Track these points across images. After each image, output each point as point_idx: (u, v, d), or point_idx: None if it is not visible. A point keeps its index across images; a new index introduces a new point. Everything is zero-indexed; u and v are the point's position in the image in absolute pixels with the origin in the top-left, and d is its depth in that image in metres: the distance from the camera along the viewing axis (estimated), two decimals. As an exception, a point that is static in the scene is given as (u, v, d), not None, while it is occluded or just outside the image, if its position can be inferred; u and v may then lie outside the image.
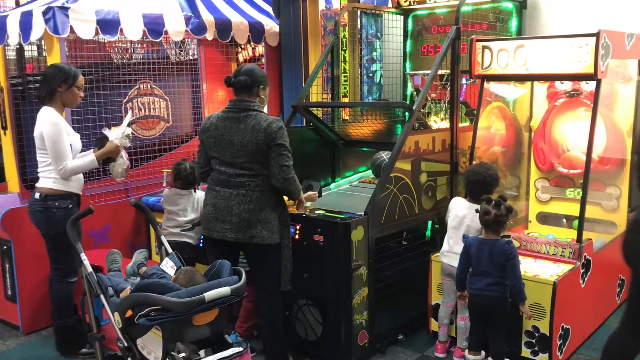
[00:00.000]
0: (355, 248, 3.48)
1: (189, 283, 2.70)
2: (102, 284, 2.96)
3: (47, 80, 3.64)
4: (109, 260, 3.42)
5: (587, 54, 3.62)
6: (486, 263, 3.29)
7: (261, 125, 3.20)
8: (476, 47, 4.08)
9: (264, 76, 3.39)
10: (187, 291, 2.58)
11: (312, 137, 4.69)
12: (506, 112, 4.60)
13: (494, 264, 3.27)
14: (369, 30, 5.19)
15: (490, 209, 3.29)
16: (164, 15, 4.69)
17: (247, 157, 3.22)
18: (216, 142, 3.29)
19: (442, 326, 3.75)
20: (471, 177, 3.66)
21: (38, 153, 3.68)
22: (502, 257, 3.26)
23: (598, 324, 4.08)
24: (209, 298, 2.57)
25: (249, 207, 3.23)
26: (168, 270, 3.07)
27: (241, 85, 3.28)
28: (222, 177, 3.31)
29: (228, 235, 3.25)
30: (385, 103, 5.16)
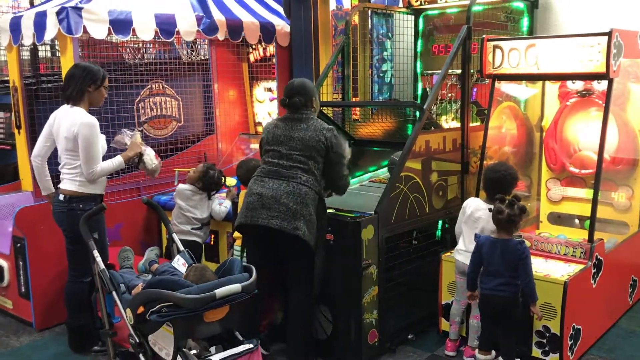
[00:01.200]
0: (365, 247, 3.48)
1: (199, 280, 2.72)
2: (114, 280, 2.99)
3: (76, 80, 3.61)
4: (121, 257, 3.44)
5: (598, 53, 3.61)
6: (498, 263, 3.27)
7: (323, 127, 3.37)
8: (487, 46, 4.07)
9: (313, 88, 3.53)
10: (198, 288, 2.61)
11: (322, 136, 4.69)
12: (517, 111, 4.59)
13: (506, 263, 3.26)
14: (379, 30, 5.19)
15: (504, 208, 3.28)
16: (175, 15, 4.72)
17: (305, 151, 3.33)
18: (274, 137, 3.41)
19: (454, 324, 3.75)
20: (491, 175, 3.65)
21: (65, 154, 3.62)
22: (514, 256, 3.25)
23: (610, 325, 4.06)
24: (220, 295, 2.59)
25: (297, 199, 3.27)
26: (179, 268, 3.09)
27: (296, 106, 3.42)
28: (273, 168, 3.38)
29: (273, 223, 3.24)
30: (395, 102, 5.17)
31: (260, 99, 6.15)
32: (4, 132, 5.34)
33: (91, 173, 3.54)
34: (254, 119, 6.21)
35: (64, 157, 3.64)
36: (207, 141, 5.86)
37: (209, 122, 5.88)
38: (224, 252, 4.42)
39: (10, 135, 5.06)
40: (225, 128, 5.96)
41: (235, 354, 2.72)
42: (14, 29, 4.53)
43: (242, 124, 6.15)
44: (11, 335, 4.22)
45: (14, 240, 4.23)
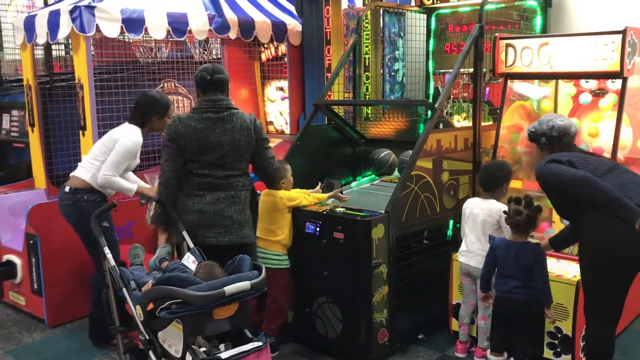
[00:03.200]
0: (375, 246, 3.47)
1: (209, 277, 2.71)
2: (124, 277, 2.99)
3: (142, 110, 3.71)
4: (131, 254, 3.43)
5: (613, 51, 3.57)
6: (513, 266, 3.21)
7: (247, 122, 3.27)
8: (499, 45, 4.04)
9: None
10: (207, 285, 2.60)
11: (333, 135, 4.70)
12: (530, 111, 4.54)
13: (521, 266, 3.20)
14: (391, 29, 5.18)
15: (522, 209, 3.22)
16: (188, 14, 4.74)
17: (238, 156, 3.26)
18: (200, 146, 3.18)
19: (463, 326, 3.72)
20: (485, 172, 3.66)
21: (98, 146, 3.70)
22: (529, 259, 3.19)
23: (623, 327, 4.00)
24: (229, 292, 2.58)
25: (239, 208, 3.29)
26: (189, 265, 3.08)
27: (221, 82, 3.25)
28: (206, 180, 3.25)
29: (223, 240, 3.26)
30: (407, 101, 5.15)
31: (272, 98, 6.17)
32: (18, 131, 5.39)
33: (105, 178, 3.58)
34: (266, 118, 6.22)
35: (96, 148, 3.73)
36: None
37: (221, 121, 5.88)
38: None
39: (24, 134, 5.11)
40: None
41: (244, 352, 2.70)
42: (28, 27, 4.58)
43: (253, 123, 6.15)
44: (24, 331, 4.26)
45: (26, 238, 4.27)
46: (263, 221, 3.68)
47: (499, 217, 3.45)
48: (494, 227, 3.48)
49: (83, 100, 4.28)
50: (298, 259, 3.73)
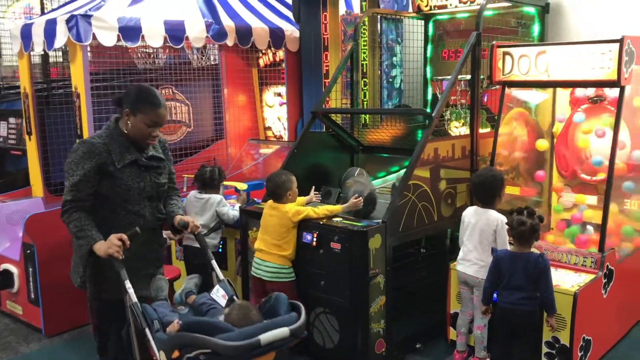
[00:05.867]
0: (372, 256, 3.46)
1: (242, 320, 2.46)
2: (147, 316, 2.66)
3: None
4: (154, 287, 3.00)
5: (610, 60, 3.56)
6: (520, 277, 3.19)
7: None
8: (497, 53, 4.04)
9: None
10: (240, 333, 2.32)
11: (331, 142, 4.69)
12: (528, 118, 4.54)
13: (528, 277, 3.18)
14: (389, 35, 5.17)
15: (525, 219, 3.20)
16: (185, 21, 4.74)
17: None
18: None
19: (460, 335, 3.72)
20: (475, 180, 3.64)
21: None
22: (536, 270, 3.17)
23: (621, 335, 4.00)
24: (265, 341, 2.28)
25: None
26: (219, 300, 2.80)
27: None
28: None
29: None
30: (404, 110, 5.12)
31: (270, 104, 6.16)
32: (15, 138, 5.39)
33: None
34: (264, 124, 6.22)
35: None
36: (217, 146, 5.87)
37: (219, 127, 5.89)
38: (232, 260, 4.42)
39: (21, 141, 5.10)
40: (235, 133, 5.97)
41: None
42: (25, 35, 4.57)
43: (251, 129, 6.15)
44: (21, 341, 4.25)
45: (23, 247, 4.26)
46: (269, 234, 3.67)
47: (496, 227, 3.44)
48: (491, 237, 3.47)
49: (80, 109, 4.27)
50: (295, 269, 3.72)
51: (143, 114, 2.78)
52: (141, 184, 2.87)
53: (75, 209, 2.76)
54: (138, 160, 2.86)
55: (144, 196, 2.91)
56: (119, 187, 2.81)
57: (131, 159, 2.83)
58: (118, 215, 2.85)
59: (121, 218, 2.86)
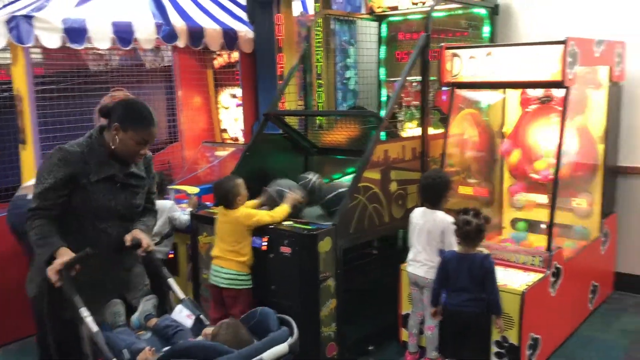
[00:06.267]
0: (322, 259, 3.43)
1: (233, 339, 2.32)
2: (114, 346, 2.36)
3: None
4: (110, 313, 2.66)
5: (555, 61, 3.61)
6: (465, 278, 3.21)
7: None
8: (445, 54, 4.06)
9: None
10: (241, 354, 2.18)
11: (285, 144, 4.65)
12: (479, 118, 4.58)
13: (473, 279, 3.20)
14: (342, 36, 5.16)
15: (471, 219, 3.22)
16: (133, 23, 4.63)
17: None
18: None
19: (412, 336, 3.72)
20: (423, 182, 3.66)
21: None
22: (481, 271, 3.19)
23: (570, 332, 4.07)
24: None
25: None
26: (183, 321, 2.60)
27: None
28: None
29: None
30: (354, 112, 5.11)
31: (226, 106, 6.09)
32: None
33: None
34: (220, 126, 6.14)
35: None
36: (171, 149, 5.78)
37: (173, 129, 5.80)
38: (183, 265, 4.35)
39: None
40: (190, 135, 5.88)
41: None
42: (-36, 37, 4.40)
43: (207, 131, 6.08)
44: (-37, 353, 4.11)
45: (-35, 255, 4.10)
46: (224, 241, 3.60)
47: (443, 228, 3.45)
48: (439, 238, 3.48)
49: (22, 113, 4.14)
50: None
51: (134, 131, 2.55)
52: (112, 202, 2.65)
53: (37, 217, 2.56)
54: (115, 177, 2.64)
55: (115, 215, 2.69)
56: (89, 201, 2.60)
57: (108, 174, 2.61)
58: (86, 230, 2.64)
59: (89, 233, 2.64)
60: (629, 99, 4.58)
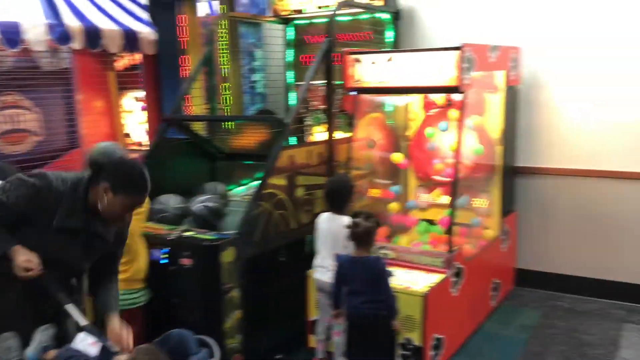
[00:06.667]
0: (225, 270, 3.35)
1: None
2: None
3: None
4: (1, 348, 2.47)
5: (451, 67, 3.69)
6: (359, 281, 3.23)
7: None
8: (348, 59, 4.07)
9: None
10: None
11: (189, 150, 4.52)
12: (384, 122, 4.64)
13: (367, 281, 3.23)
14: (248, 39, 5.08)
15: (360, 221, 3.25)
16: (21, 23, 4.34)
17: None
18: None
19: (320, 342, 3.71)
20: (327, 187, 3.65)
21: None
22: (374, 273, 3.23)
23: (473, 329, 4.19)
24: None
25: None
26: (88, 350, 2.40)
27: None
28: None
29: None
30: (257, 117, 5.05)
31: (129, 109, 5.85)
32: None
33: None
34: (122, 131, 5.89)
35: None
36: (71, 156, 5.47)
37: (73, 135, 5.50)
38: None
39: None
40: (91, 141, 5.59)
41: None
42: None
43: (110, 136, 5.80)
44: None
45: None
46: None
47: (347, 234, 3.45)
48: (343, 242, 3.47)
49: None
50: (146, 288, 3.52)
51: (125, 196, 2.34)
52: (63, 255, 2.42)
53: None
54: (79, 232, 2.40)
55: (59, 266, 2.43)
56: (39, 242, 2.35)
57: (72, 227, 2.38)
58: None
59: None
60: (525, 102, 4.78)
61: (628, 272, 4.59)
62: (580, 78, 4.57)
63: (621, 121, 4.46)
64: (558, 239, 4.83)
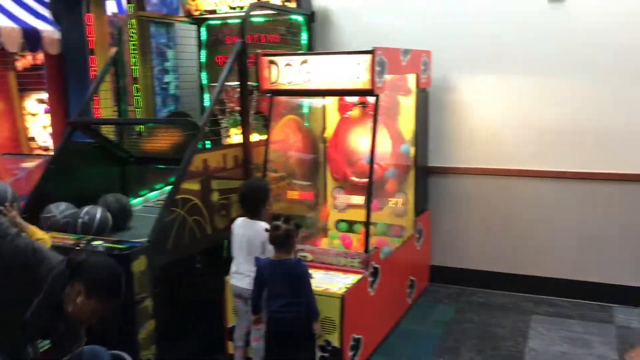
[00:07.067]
0: (137, 280, 3.21)
1: None
2: None
3: None
4: None
5: (364, 70, 3.73)
6: (280, 284, 3.23)
7: None
8: (263, 61, 4.02)
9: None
10: None
11: (98, 155, 4.32)
12: (300, 124, 4.64)
13: (288, 284, 3.23)
14: (159, 39, 4.93)
15: (280, 224, 3.24)
16: None
17: None
18: None
19: (238, 349, 3.65)
20: (240, 191, 3.60)
21: None
22: (294, 276, 3.23)
23: (390, 327, 4.26)
24: None
25: None
26: None
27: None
28: None
29: None
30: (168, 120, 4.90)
31: (33, 112, 5.53)
32: None
33: None
34: (26, 134, 5.57)
35: None
36: (-33, 162, 5.12)
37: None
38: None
39: None
40: (-8, 145, 5.27)
41: None
42: None
43: (11, 140, 5.47)
44: None
45: None
46: None
47: (264, 238, 3.42)
48: (259, 248, 3.44)
49: None
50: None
51: (99, 302, 2.29)
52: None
53: None
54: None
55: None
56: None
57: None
58: None
59: None
60: (436, 104, 4.92)
61: (534, 265, 4.82)
62: (488, 81, 4.76)
63: (528, 122, 4.68)
64: (469, 235, 5.01)
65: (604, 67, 4.40)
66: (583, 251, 4.66)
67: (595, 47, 4.40)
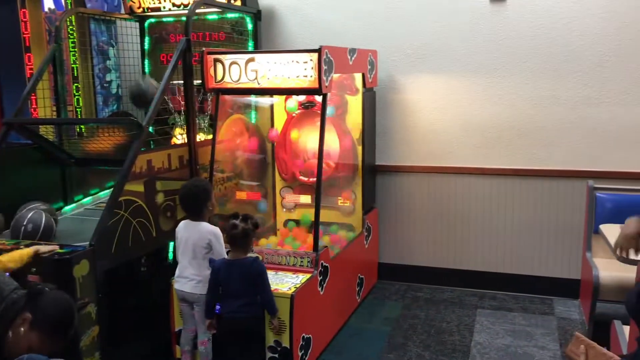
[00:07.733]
0: (79, 285, 3.10)
1: None
2: None
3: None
4: None
5: (311, 69, 3.73)
6: (237, 284, 3.20)
7: None
8: (208, 60, 3.96)
9: None
10: None
11: (35, 156, 4.14)
12: (248, 123, 4.59)
13: (245, 283, 3.20)
14: (100, 37, 4.78)
15: (238, 223, 3.22)
16: None
17: None
18: None
19: (185, 353, 3.58)
20: (181, 192, 3.52)
21: None
22: (252, 275, 3.21)
23: (340, 326, 4.28)
24: None
25: None
26: None
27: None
28: None
29: None
30: (109, 120, 4.78)
31: (-35, 113, 5.26)
32: None
33: None
34: (-43, 136, 5.28)
35: None
36: None
37: None
38: None
39: None
40: None
41: None
42: None
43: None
44: None
45: None
46: None
47: (209, 240, 3.37)
48: (205, 250, 3.38)
49: None
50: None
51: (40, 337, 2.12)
52: None
53: None
54: None
55: None
56: None
57: None
58: None
59: None
60: (383, 103, 4.97)
61: (476, 261, 4.94)
62: (432, 81, 4.85)
63: (469, 121, 4.79)
64: (415, 232, 5.08)
65: (540, 67, 4.56)
66: (522, 246, 4.81)
67: (531, 48, 4.55)
